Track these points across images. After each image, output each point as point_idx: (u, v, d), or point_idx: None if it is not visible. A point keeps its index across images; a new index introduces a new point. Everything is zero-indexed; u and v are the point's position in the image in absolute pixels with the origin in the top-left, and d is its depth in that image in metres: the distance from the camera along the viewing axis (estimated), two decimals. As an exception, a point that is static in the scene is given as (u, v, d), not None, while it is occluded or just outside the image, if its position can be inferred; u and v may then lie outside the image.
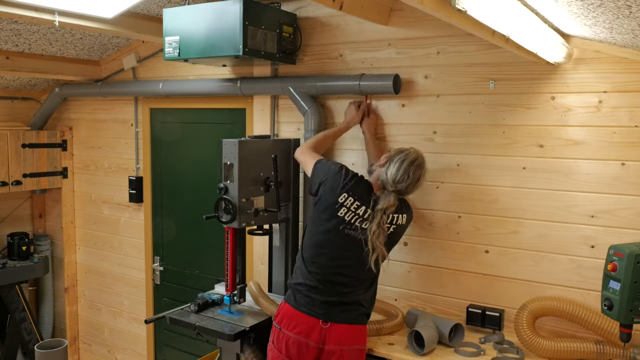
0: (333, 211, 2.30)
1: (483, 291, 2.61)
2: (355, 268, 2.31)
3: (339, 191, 2.30)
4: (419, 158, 2.38)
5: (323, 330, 2.26)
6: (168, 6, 3.02)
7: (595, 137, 2.32)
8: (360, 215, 2.30)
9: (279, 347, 2.33)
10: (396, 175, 2.32)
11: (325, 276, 2.30)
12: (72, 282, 4.50)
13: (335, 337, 2.26)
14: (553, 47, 2.09)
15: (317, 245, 2.34)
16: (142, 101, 3.91)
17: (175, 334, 3.88)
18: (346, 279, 2.32)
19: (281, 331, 2.33)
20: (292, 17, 2.96)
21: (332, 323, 2.26)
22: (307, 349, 2.27)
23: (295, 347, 2.29)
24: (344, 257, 2.32)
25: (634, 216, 2.25)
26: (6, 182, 3.97)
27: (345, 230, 2.30)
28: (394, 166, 2.34)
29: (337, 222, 2.30)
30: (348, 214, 2.29)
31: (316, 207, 2.39)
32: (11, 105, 4.36)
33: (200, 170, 3.65)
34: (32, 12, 2.55)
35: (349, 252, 2.31)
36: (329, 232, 2.31)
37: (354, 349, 2.30)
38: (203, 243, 3.71)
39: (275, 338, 2.36)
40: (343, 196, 2.29)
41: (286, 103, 3.14)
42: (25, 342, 4.26)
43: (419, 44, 2.70)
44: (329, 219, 2.31)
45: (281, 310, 2.39)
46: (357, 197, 2.30)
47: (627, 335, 1.93)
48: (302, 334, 2.28)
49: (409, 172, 2.33)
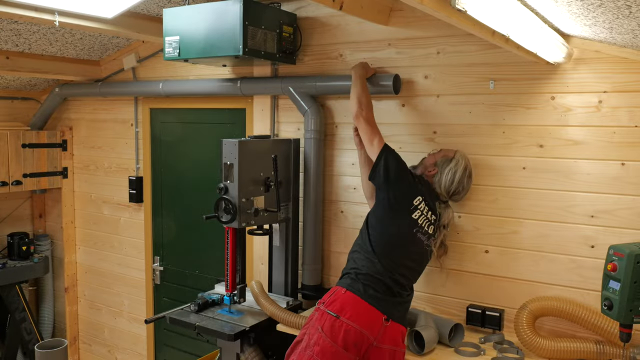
0: (407, 212, 2.30)
1: (483, 291, 2.62)
2: (416, 271, 2.39)
3: (414, 194, 2.33)
4: (468, 166, 2.46)
5: (382, 327, 2.20)
6: (168, 6, 3.02)
7: (595, 137, 2.32)
8: (429, 219, 2.35)
9: (334, 336, 2.14)
10: (451, 186, 2.42)
11: (393, 274, 2.27)
12: (72, 282, 4.50)
13: (392, 336, 2.22)
14: (553, 47, 2.09)
15: (389, 242, 2.31)
16: (142, 101, 3.91)
17: (175, 334, 3.88)
18: (406, 280, 2.33)
19: (338, 319, 2.15)
20: (292, 17, 2.96)
21: (392, 321, 2.22)
22: (364, 340, 2.15)
23: (355, 338, 2.14)
24: (410, 259, 2.34)
25: (634, 216, 2.25)
26: (6, 182, 3.98)
27: (417, 234, 2.32)
28: (446, 177, 2.41)
29: (411, 223, 2.30)
30: (421, 218, 2.32)
31: (387, 204, 2.33)
32: (11, 105, 4.36)
33: (200, 170, 3.65)
34: (32, 12, 2.56)
35: (416, 255, 2.36)
36: (401, 232, 2.31)
37: (403, 351, 2.27)
38: (203, 243, 3.71)
39: (329, 327, 2.16)
40: (418, 199, 2.32)
41: (286, 103, 3.14)
42: (26, 342, 4.26)
43: (419, 44, 2.70)
44: (403, 219, 2.31)
45: (340, 298, 2.22)
46: (428, 201, 2.35)
47: (627, 335, 1.93)
48: (365, 326, 2.15)
49: (463, 182, 2.44)
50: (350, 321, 2.15)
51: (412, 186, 2.35)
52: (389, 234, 2.32)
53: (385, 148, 2.38)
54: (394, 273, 2.27)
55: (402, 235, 2.31)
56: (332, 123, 2.99)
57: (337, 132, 2.99)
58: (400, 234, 2.31)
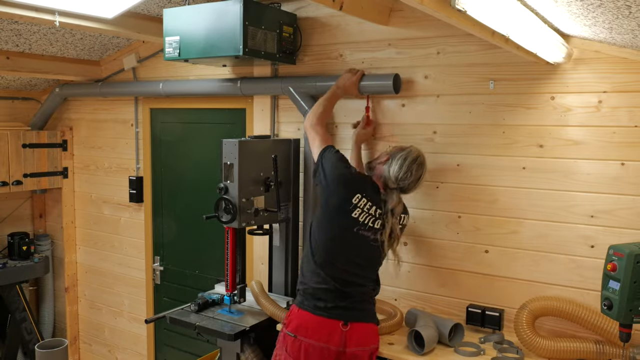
0: (346, 212, 2.28)
1: (483, 291, 2.62)
2: (369, 268, 2.37)
3: (353, 192, 2.30)
4: (420, 156, 2.41)
5: (343, 332, 2.23)
6: (168, 6, 3.02)
7: (595, 137, 2.32)
8: (372, 215, 2.31)
9: (296, 355, 2.24)
10: (399, 172, 2.35)
11: (342, 278, 2.29)
12: (73, 282, 4.51)
13: (356, 338, 2.24)
14: (553, 47, 2.09)
15: (330, 248, 2.31)
16: (142, 101, 3.92)
17: (176, 334, 3.88)
18: (361, 279, 2.33)
19: (297, 339, 2.25)
20: (292, 17, 2.96)
21: (352, 323, 2.24)
22: (328, 353, 2.23)
23: (317, 354, 2.22)
24: (358, 258, 2.33)
25: (634, 216, 2.26)
26: (7, 182, 3.98)
27: (360, 232, 2.30)
28: (396, 163, 2.36)
29: (351, 223, 2.29)
30: (362, 215, 2.30)
31: (325, 207, 2.36)
32: (12, 106, 4.36)
33: (200, 170, 3.65)
34: (33, 12, 2.56)
35: (364, 251, 2.33)
36: (343, 234, 2.30)
37: (373, 348, 2.30)
38: (203, 243, 3.71)
39: (290, 346, 2.27)
40: (357, 197, 2.29)
41: (286, 103, 3.14)
42: (26, 342, 4.26)
43: (419, 44, 2.70)
44: (342, 220, 2.29)
45: (294, 318, 2.31)
46: (369, 196, 2.32)
47: (626, 335, 1.93)
48: (322, 340, 2.23)
49: (412, 169, 2.36)
50: (307, 339, 2.23)
51: (349, 184, 2.31)
52: (330, 239, 2.32)
53: (322, 151, 2.40)
54: (343, 277, 2.28)
55: (344, 238, 2.29)
56: (332, 123, 2.99)
57: (337, 132, 2.99)
58: (341, 236, 2.30)
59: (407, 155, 2.38)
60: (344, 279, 2.29)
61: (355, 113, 2.90)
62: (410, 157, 2.37)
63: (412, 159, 2.37)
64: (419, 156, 2.40)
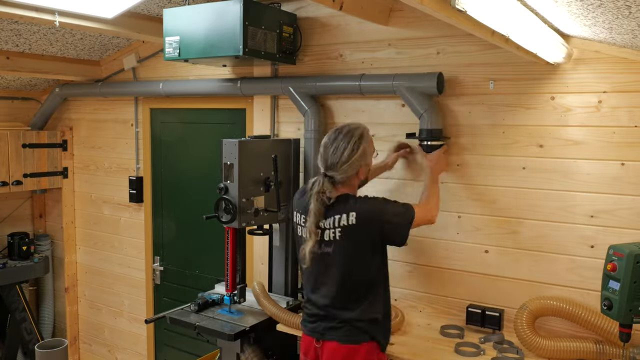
0: (296, 233, 2.34)
1: (483, 291, 2.62)
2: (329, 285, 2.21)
3: (292, 213, 2.35)
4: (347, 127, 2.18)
5: (317, 349, 2.25)
6: (168, 6, 3.02)
7: (594, 137, 2.32)
8: (303, 225, 2.26)
9: None
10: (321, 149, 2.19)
11: (313, 296, 2.29)
12: (73, 282, 4.51)
13: (326, 355, 2.22)
14: (553, 47, 2.09)
15: (301, 268, 2.35)
16: (142, 101, 3.91)
17: (176, 334, 3.88)
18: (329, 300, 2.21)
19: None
20: (292, 17, 2.96)
21: (323, 341, 2.23)
22: None
23: None
24: (319, 275, 2.25)
25: (634, 216, 2.26)
26: (6, 182, 3.98)
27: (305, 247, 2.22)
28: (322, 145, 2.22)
29: (300, 242, 2.30)
30: (302, 230, 2.28)
31: None
32: (12, 106, 4.36)
33: (200, 170, 3.65)
34: (33, 12, 2.56)
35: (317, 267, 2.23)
36: (300, 255, 2.29)
37: None
38: (203, 243, 3.71)
39: None
40: (295, 216, 2.33)
41: (286, 103, 3.14)
42: (26, 342, 4.26)
43: (419, 44, 2.70)
44: (298, 242, 2.33)
45: None
46: (299, 208, 2.32)
47: (626, 335, 1.93)
48: (303, 351, 2.33)
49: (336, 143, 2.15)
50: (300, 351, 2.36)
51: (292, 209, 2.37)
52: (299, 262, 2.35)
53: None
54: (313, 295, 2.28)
55: (302, 258, 2.26)
56: (332, 123, 2.99)
57: (337, 132, 2.99)
58: (301, 257, 2.27)
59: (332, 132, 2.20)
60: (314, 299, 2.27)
61: (355, 113, 2.90)
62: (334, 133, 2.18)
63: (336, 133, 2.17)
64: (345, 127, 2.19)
